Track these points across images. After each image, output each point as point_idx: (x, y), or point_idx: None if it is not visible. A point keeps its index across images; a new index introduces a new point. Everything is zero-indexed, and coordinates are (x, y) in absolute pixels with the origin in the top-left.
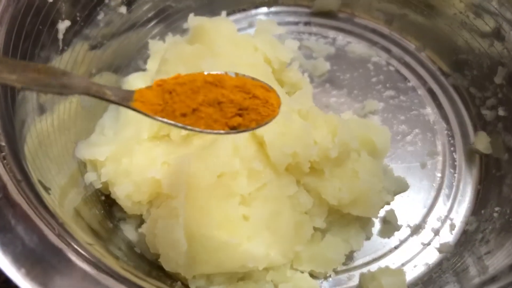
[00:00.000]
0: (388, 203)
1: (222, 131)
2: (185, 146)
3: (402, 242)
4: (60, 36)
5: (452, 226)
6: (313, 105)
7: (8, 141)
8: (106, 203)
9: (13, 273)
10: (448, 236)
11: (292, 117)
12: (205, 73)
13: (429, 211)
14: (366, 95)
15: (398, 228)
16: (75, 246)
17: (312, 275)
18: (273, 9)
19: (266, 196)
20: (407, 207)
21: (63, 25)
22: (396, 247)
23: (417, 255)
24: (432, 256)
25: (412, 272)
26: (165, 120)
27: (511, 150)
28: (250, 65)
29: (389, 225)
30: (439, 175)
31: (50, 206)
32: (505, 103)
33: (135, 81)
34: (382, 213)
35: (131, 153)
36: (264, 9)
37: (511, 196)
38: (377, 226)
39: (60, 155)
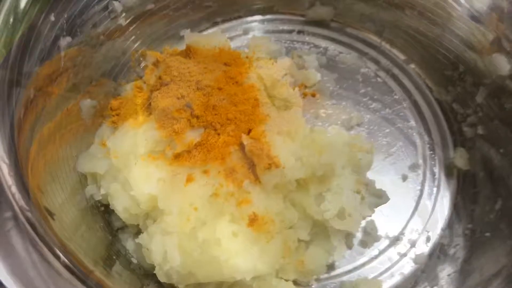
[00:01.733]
0: (370, 216)
1: None
2: (180, 163)
3: (381, 252)
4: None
5: (428, 238)
6: (303, 119)
7: (15, 174)
8: (106, 213)
9: None
10: (423, 248)
11: (281, 139)
12: None
13: (407, 223)
14: (353, 106)
15: (377, 239)
16: (79, 274)
17: (296, 283)
18: (268, 16)
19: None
20: (387, 218)
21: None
22: (375, 257)
23: (394, 265)
24: (407, 266)
25: (390, 281)
26: None
27: (487, 168)
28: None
29: (369, 236)
30: (418, 187)
31: (56, 232)
32: (485, 122)
33: (133, 89)
34: (362, 223)
35: (129, 167)
36: (259, 17)
37: (482, 215)
38: (358, 236)
39: (63, 172)
